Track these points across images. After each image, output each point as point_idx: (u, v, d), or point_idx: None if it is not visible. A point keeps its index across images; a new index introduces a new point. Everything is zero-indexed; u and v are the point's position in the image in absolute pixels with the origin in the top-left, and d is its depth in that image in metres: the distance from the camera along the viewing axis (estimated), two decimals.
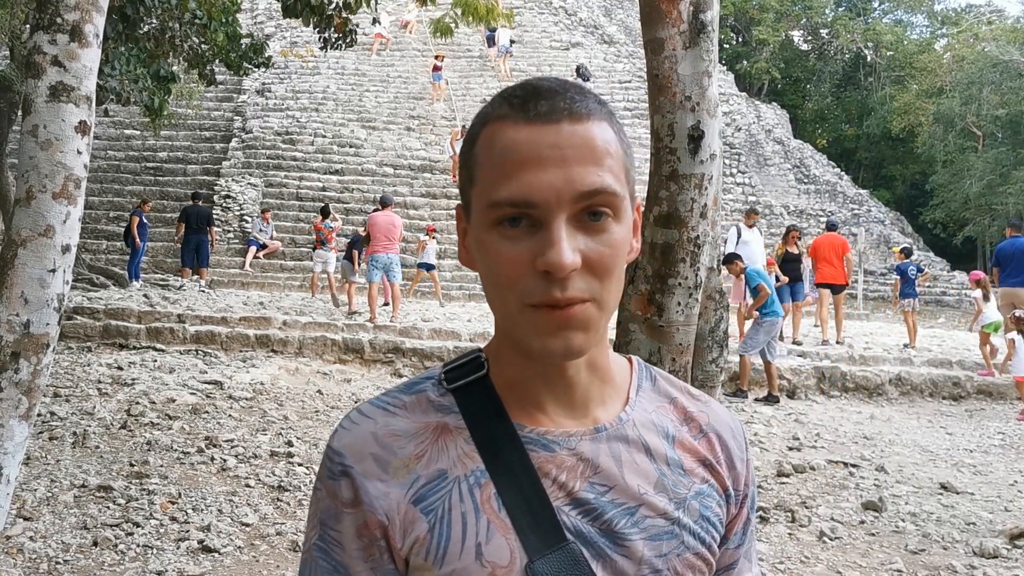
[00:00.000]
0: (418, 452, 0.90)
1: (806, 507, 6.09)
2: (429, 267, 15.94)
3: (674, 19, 2.30)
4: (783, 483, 6.70)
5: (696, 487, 0.95)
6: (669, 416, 0.98)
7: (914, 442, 8.46)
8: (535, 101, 0.84)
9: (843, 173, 30.14)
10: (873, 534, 5.64)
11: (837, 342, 12.75)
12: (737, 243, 12.07)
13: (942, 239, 34.38)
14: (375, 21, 12.98)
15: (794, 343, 12.36)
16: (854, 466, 7.26)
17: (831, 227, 14.59)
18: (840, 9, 47.98)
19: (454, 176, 20.83)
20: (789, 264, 12.65)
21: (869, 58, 45.78)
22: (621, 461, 0.92)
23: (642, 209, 1.01)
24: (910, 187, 41.08)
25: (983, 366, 11.29)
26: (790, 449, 7.83)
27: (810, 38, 49.57)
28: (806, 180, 27.08)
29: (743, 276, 10.62)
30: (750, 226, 12.56)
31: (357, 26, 12.14)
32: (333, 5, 10.35)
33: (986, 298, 11.94)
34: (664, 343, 2.42)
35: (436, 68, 24.17)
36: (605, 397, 0.95)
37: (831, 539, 5.48)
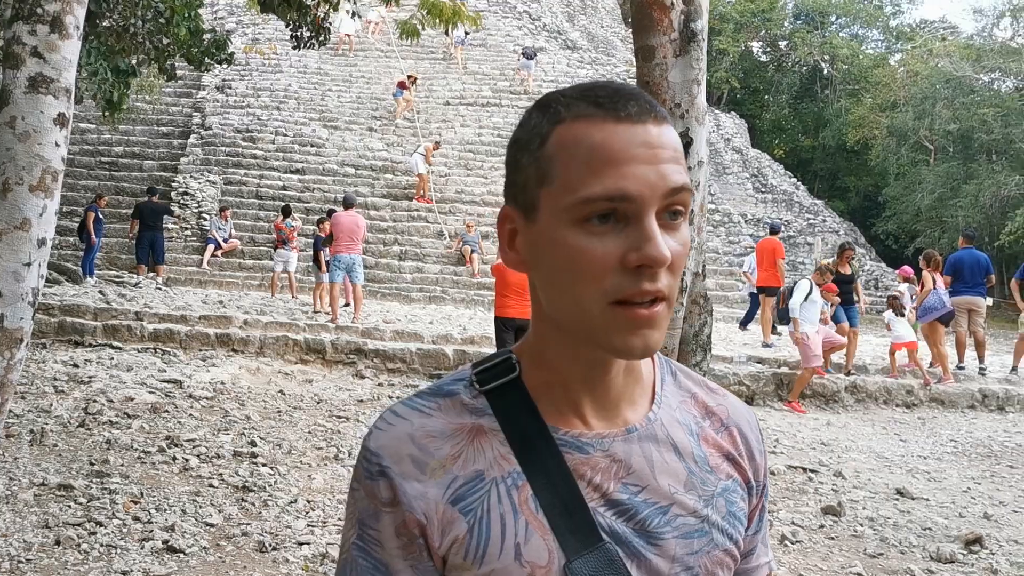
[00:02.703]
0: (454, 453, 0.91)
1: (768, 511, 6.18)
2: None
3: (665, 27, 2.34)
4: None
5: (722, 484, 0.99)
6: (692, 411, 1.01)
7: (870, 448, 8.61)
8: (624, 102, 0.86)
9: (799, 183, 30.63)
10: (833, 538, 5.74)
11: (764, 344, 12.93)
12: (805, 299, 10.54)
13: (894, 250, 35.01)
14: (354, 15, 12.94)
15: (847, 373, 11.32)
16: (813, 471, 7.38)
17: (773, 231, 14.69)
18: (798, 22, 48.72)
19: (419, 196, 20.57)
20: (841, 286, 11.54)
21: (826, 71, 46.53)
22: (652, 461, 0.94)
23: None
24: (864, 198, 41.78)
25: (935, 375, 11.51)
26: None
27: (769, 49, 50.28)
28: (764, 189, 27.46)
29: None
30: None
31: (331, 23, 12.07)
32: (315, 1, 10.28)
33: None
34: None
35: (401, 85, 23.87)
36: (635, 396, 0.97)
37: (792, 542, 5.56)
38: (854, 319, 11.78)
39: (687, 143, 2.36)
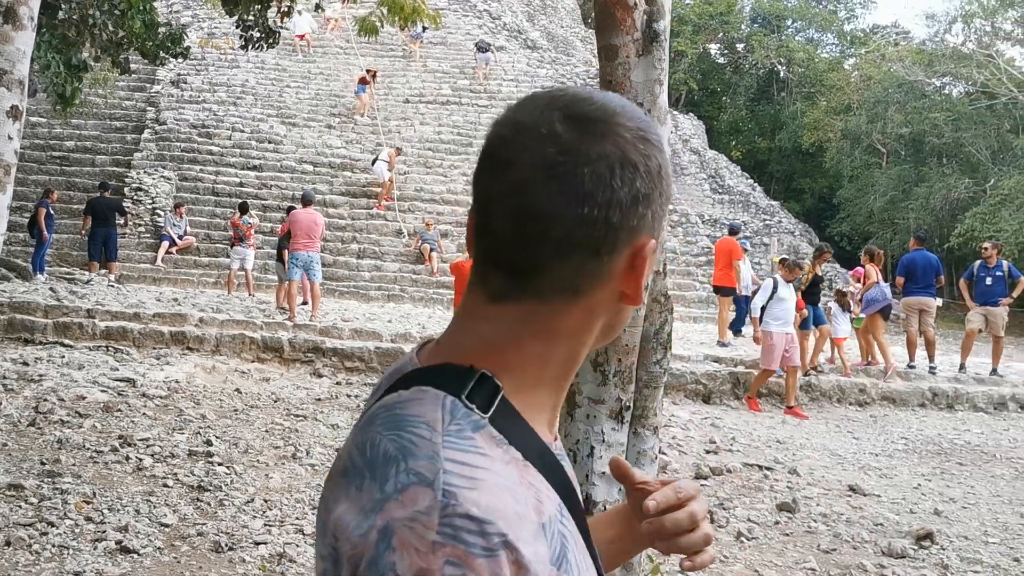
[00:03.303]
0: (525, 496, 0.76)
1: (724, 508, 6.25)
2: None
3: (628, 27, 2.35)
4: (701, 485, 6.86)
5: None
6: None
7: (823, 446, 8.75)
8: None
9: (756, 184, 30.95)
10: (787, 534, 5.83)
11: (719, 343, 13.03)
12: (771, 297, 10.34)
13: (847, 251, 35.55)
14: (317, 7, 12.97)
15: (806, 373, 11.28)
16: (768, 469, 7.48)
17: (732, 231, 14.83)
18: (755, 25, 49.27)
19: (381, 203, 20.35)
20: (813, 287, 11.57)
21: (782, 74, 47.11)
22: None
23: None
24: (818, 200, 42.38)
25: (882, 371, 11.73)
26: (707, 452, 8.02)
27: (726, 52, 50.80)
28: (721, 190, 27.72)
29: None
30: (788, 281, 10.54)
31: (283, 27, 11.95)
32: None
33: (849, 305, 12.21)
34: (610, 344, 2.47)
35: (363, 80, 23.65)
36: None
37: (748, 539, 5.64)
38: (821, 318, 11.88)
39: None
